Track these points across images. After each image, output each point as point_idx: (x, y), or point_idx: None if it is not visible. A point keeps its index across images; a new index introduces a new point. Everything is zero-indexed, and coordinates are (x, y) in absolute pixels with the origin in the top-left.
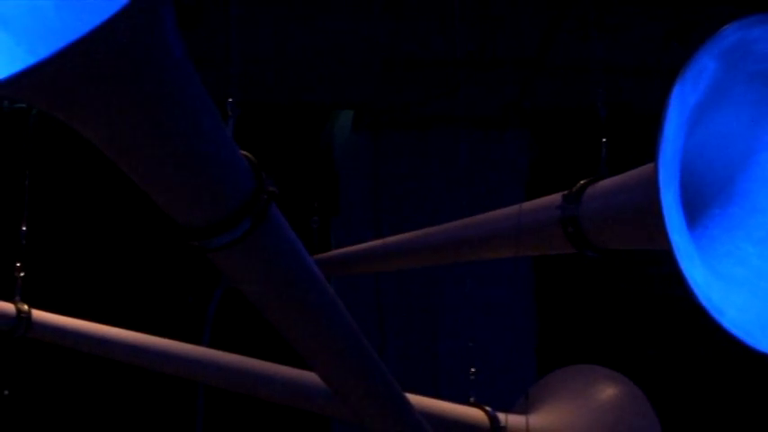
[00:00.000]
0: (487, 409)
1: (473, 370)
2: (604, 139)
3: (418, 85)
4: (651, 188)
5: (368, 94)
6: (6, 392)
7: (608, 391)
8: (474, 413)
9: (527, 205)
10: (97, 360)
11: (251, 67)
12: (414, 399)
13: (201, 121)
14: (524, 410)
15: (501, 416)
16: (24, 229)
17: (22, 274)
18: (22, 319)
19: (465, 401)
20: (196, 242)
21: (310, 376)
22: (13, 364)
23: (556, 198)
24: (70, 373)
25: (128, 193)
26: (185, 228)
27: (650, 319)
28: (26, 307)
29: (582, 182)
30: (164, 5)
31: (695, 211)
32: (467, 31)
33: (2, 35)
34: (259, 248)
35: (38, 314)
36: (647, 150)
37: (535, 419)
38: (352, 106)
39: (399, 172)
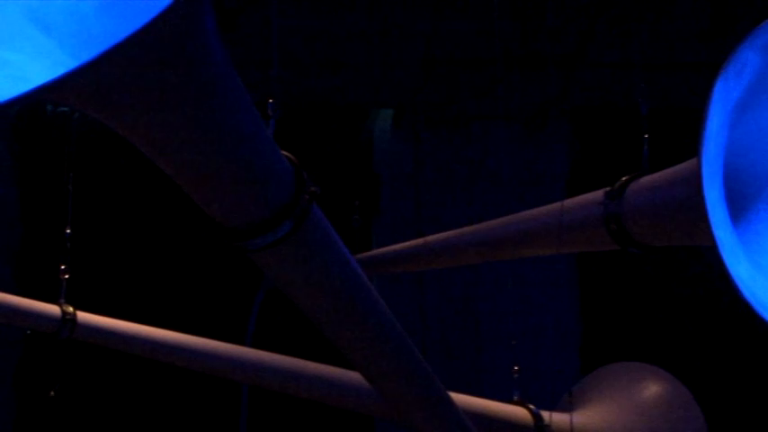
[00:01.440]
0: (531, 407)
1: (516, 368)
2: (646, 135)
3: (458, 83)
4: (695, 184)
5: (408, 92)
6: (53, 393)
7: (653, 389)
8: (518, 411)
9: (569, 202)
10: (141, 360)
11: (291, 68)
12: (457, 397)
13: (243, 123)
14: (568, 408)
15: (545, 414)
16: (69, 231)
17: (66, 277)
18: (67, 320)
19: (508, 400)
20: (239, 243)
21: (353, 375)
22: (59, 366)
23: (598, 195)
24: (114, 373)
25: (171, 195)
26: (228, 229)
27: (694, 316)
28: (71, 309)
29: (624, 178)
30: (203, 8)
31: (739, 206)
32: (507, 29)
33: (45, 40)
34: (301, 248)
35: (82, 316)
36: (688, 147)
37: (579, 417)
38: (392, 105)
39: (439, 170)
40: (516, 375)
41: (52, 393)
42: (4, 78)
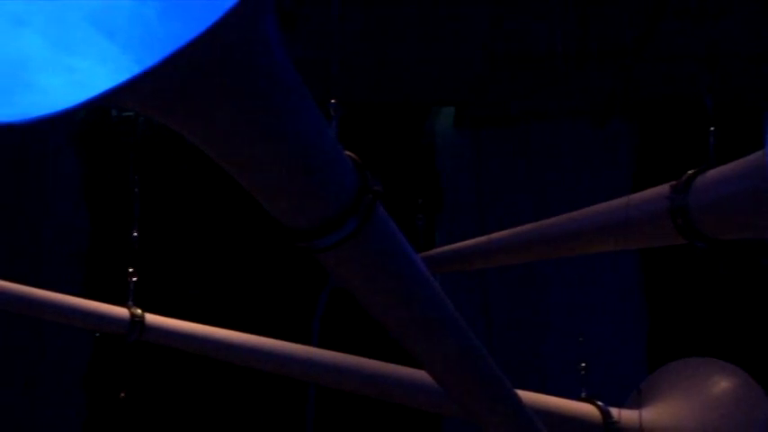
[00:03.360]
0: (599, 404)
1: (583, 365)
2: (712, 128)
3: (519, 79)
4: (763, 175)
5: (469, 90)
6: (123, 395)
7: (723, 384)
8: (586, 408)
9: (634, 197)
10: (208, 361)
11: (351, 67)
12: (524, 395)
13: (306, 123)
14: (637, 405)
15: (614, 411)
16: (136, 234)
17: (134, 279)
18: (136, 323)
19: (576, 397)
20: (303, 243)
21: (420, 374)
22: (128, 368)
23: (664, 189)
24: (182, 374)
25: (235, 196)
26: (292, 229)
27: (764, 311)
28: (139, 311)
29: (690, 172)
30: (265, 10)
31: None
32: (567, 24)
33: (109, 46)
34: (365, 247)
35: (151, 318)
36: (754, 139)
37: (648, 414)
38: (453, 103)
39: (502, 167)
40: (583, 372)
41: (122, 395)
42: (70, 84)
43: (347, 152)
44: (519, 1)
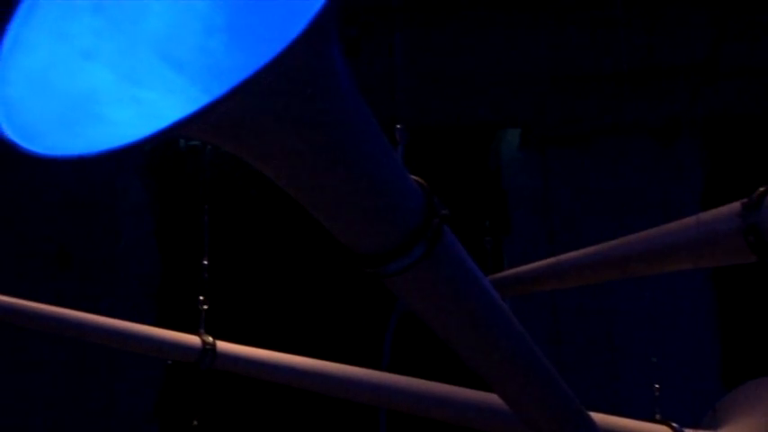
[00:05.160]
0: (674, 425)
1: (657, 386)
2: None
3: (584, 98)
4: None
5: (534, 110)
6: (196, 423)
7: None
8: (660, 430)
9: (705, 215)
10: (280, 388)
11: (415, 90)
12: (596, 416)
13: (372, 149)
14: (713, 426)
15: None
16: (206, 262)
17: (205, 307)
18: (208, 350)
19: (649, 418)
20: (370, 269)
21: (491, 397)
22: (200, 395)
23: (735, 207)
24: (254, 401)
25: (302, 223)
26: (360, 255)
27: None
28: (211, 339)
29: (761, 188)
30: (330, 37)
31: None
32: (633, 41)
33: (176, 77)
34: (434, 272)
35: (222, 345)
36: None
37: None
38: (518, 124)
39: (569, 187)
40: (657, 393)
41: (195, 423)
42: (139, 116)
43: (413, 177)
44: (584, 19)
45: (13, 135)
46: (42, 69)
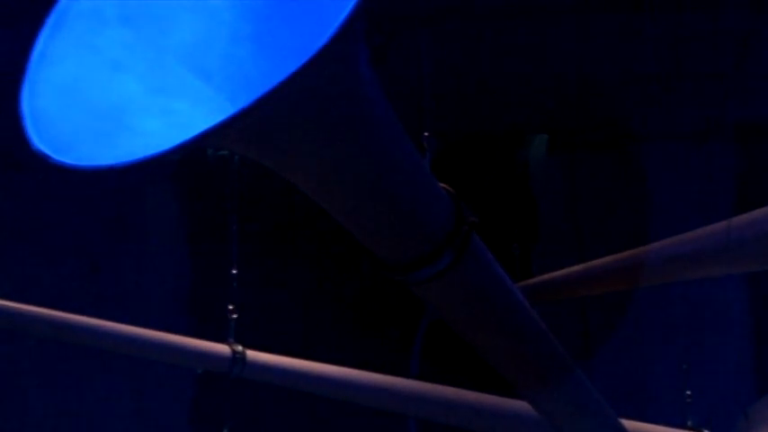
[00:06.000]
0: None
1: (688, 393)
2: None
3: (613, 103)
4: None
5: (562, 115)
6: (227, 431)
7: None
8: None
9: (736, 220)
10: (310, 396)
11: (442, 98)
12: (628, 424)
13: (401, 158)
14: (745, 431)
15: None
16: (235, 272)
17: (235, 316)
18: (237, 359)
19: (682, 425)
20: (400, 277)
21: (521, 404)
22: (231, 403)
23: (765, 211)
24: (284, 409)
25: (329, 231)
26: (388, 263)
27: None
28: (240, 347)
29: None
30: (357, 45)
31: None
32: (662, 44)
33: (204, 87)
34: (462, 279)
35: (252, 354)
36: None
37: None
38: (546, 129)
39: (598, 193)
40: (689, 400)
41: (226, 431)
42: (168, 126)
43: (441, 184)
44: (610, 22)
45: (43, 147)
46: (71, 81)
